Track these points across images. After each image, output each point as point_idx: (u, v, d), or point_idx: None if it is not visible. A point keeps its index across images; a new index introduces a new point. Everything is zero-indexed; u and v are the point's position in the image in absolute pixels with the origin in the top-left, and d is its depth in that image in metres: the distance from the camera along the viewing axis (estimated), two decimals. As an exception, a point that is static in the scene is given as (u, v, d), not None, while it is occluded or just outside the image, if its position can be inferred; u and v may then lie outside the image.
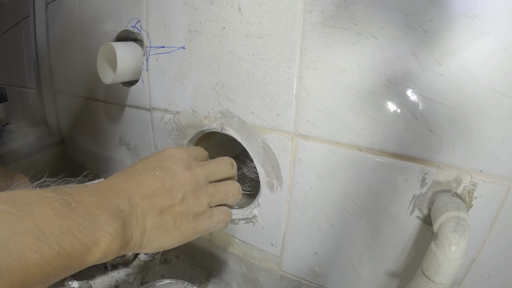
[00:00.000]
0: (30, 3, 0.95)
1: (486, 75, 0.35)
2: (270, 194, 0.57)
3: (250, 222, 0.62)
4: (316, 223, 0.53)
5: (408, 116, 0.40)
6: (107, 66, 0.69)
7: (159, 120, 0.69)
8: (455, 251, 0.34)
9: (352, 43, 0.42)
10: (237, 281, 0.70)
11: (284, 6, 0.46)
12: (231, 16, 0.51)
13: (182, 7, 0.57)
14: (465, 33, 0.35)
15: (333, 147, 0.47)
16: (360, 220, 0.48)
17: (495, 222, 0.39)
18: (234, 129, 0.57)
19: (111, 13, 0.72)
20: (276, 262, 0.62)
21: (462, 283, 0.44)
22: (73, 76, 0.91)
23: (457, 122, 0.38)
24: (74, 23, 0.84)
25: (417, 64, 0.38)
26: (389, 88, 0.41)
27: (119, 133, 0.81)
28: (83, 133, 0.97)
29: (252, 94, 0.53)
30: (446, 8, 0.35)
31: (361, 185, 0.46)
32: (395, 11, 0.38)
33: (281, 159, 0.53)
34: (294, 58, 0.47)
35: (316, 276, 0.57)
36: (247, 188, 0.77)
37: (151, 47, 0.65)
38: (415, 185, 0.42)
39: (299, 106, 0.48)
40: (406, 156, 0.42)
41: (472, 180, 0.39)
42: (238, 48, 0.52)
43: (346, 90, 0.44)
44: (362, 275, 0.52)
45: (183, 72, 0.61)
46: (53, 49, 0.98)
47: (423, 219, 0.43)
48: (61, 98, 1.02)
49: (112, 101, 0.79)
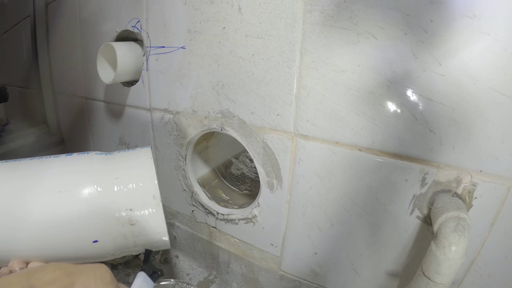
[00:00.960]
0: (30, 3, 0.96)
1: (486, 75, 0.35)
2: (270, 194, 0.57)
3: (250, 222, 0.62)
4: (316, 223, 0.53)
5: (408, 116, 0.40)
6: (107, 66, 0.69)
7: (159, 120, 0.69)
8: (455, 251, 0.34)
9: (352, 43, 0.42)
10: (237, 281, 0.70)
11: (284, 6, 0.46)
12: (231, 16, 0.51)
13: (182, 7, 0.57)
14: (465, 33, 0.35)
15: (333, 147, 0.47)
16: (360, 220, 0.48)
17: (495, 222, 0.39)
18: (234, 129, 0.57)
19: (111, 13, 0.72)
20: (276, 262, 0.62)
21: (462, 283, 0.44)
22: (73, 76, 0.91)
23: (457, 122, 0.38)
24: (74, 23, 0.84)
25: (417, 64, 0.38)
26: (389, 88, 0.41)
27: (119, 133, 0.81)
28: (83, 133, 0.97)
29: (252, 94, 0.53)
30: (446, 8, 0.35)
31: (361, 185, 0.46)
32: (395, 11, 0.38)
33: (281, 159, 0.53)
34: (294, 58, 0.47)
35: (316, 276, 0.57)
36: (247, 188, 0.77)
37: (151, 47, 0.65)
38: (415, 185, 0.42)
39: (299, 106, 0.48)
40: (406, 156, 0.42)
41: (472, 180, 0.39)
42: (238, 48, 0.52)
43: (346, 90, 0.44)
44: (362, 275, 0.52)
45: (183, 72, 0.61)
46: (53, 49, 0.98)
47: (423, 219, 0.43)
48: (61, 98, 1.02)
49: (112, 101, 0.79)
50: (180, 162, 0.68)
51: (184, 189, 0.70)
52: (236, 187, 0.77)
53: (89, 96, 0.87)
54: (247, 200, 0.70)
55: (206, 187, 0.72)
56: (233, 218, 0.64)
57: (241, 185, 0.78)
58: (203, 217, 0.70)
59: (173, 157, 0.69)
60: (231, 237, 0.67)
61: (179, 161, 0.68)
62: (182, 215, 0.75)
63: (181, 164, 0.68)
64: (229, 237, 0.67)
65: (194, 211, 0.71)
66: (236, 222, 0.64)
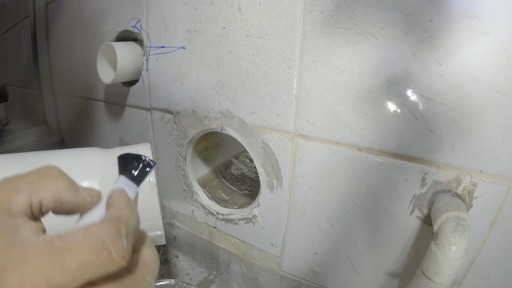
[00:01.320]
0: (30, 3, 0.96)
1: (486, 75, 0.35)
2: (270, 194, 0.57)
3: (250, 222, 0.62)
4: (316, 223, 0.53)
5: (408, 116, 0.40)
6: (107, 66, 0.69)
7: (159, 120, 0.69)
8: (455, 251, 0.34)
9: (352, 43, 0.42)
10: (237, 281, 0.70)
11: (284, 6, 0.46)
12: (231, 16, 0.51)
13: (182, 7, 0.57)
14: (465, 33, 0.35)
15: (333, 147, 0.47)
16: (360, 220, 0.48)
17: (495, 222, 0.39)
18: (234, 129, 0.57)
19: (111, 13, 0.72)
20: (276, 262, 0.62)
21: (462, 283, 0.44)
22: (73, 76, 0.91)
23: (457, 122, 0.38)
24: (74, 23, 0.84)
25: (417, 64, 0.38)
26: (389, 88, 0.41)
27: (119, 133, 0.81)
28: (83, 133, 0.97)
29: (252, 94, 0.53)
30: (446, 8, 0.35)
31: (361, 185, 0.46)
32: (395, 11, 0.38)
33: (281, 159, 0.53)
34: (294, 58, 0.47)
35: (316, 276, 0.57)
36: (247, 188, 0.77)
37: (151, 47, 0.65)
38: (415, 185, 0.42)
39: (299, 106, 0.48)
40: (406, 156, 0.42)
41: (472, 180, 0.39)
42: (238, 48, 0.52)
43: (346, 90, 0.44)
44: (362, 275, 0.52)
45: (183, 72, 0.61)
46: (53, 49, 0.98)
47: (423, 219, 0.43)
48: (61, 98, 1.02)
49: (112, 101, 0.79)
50: (180, 162, 0.68)
51: (184, 189, 0.70)
52: (236, 187, 0.77)
53: (89, 96, 0.87)
54: (247, 200, 0.70)
55: (206, 187, 0.72)
56: (233, 218, 0.64)
57: (241, 185, 0.78)
58: (203, 217, 0.70)
59: (173, 157, 0.69)
60: (231, 237, 0.67)
61: (179, 161, 0.68)
62: (182, 215, 0.75)
63: (181, 164, 0.68)
64: (229, 237, 0.67)
65: (194, 211, 0.71)
66: (236, 222, 0.64)
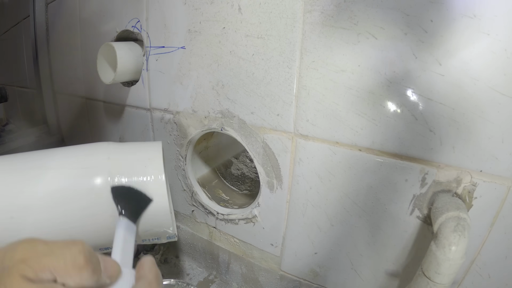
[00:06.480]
0: (30, 3, 0.95)
1: (486, 75, 0.35)
2: (270, 194, 0.57)
3: (250, 222, 0.62)
4: (316, 223, 0.53)
5: (408, 116, 0.40)
6: (107, 66, 0.69)
7: (159, 120, 0.69)
8: (455, 251, 0.34)
9: (352, 43, 0.42)
10: (237, 281, 0.70)
11: (284, 6, 0.46)
12: (231, 16, 0.51)
13: (182, 7, 0.57)
14: (465, 33, 0.35)
15: (333, 147, 0.47)
16: (360, 220, 0.48)
17: (495, 222, 0.39)
18: (234, 129, 0.57)
19: (111, 13, 0.72)
20: (276, 262, 0.62)
21: (462, 283, 0.44)
22: (73, 76, 0.91)
23: (457, 122, 0.38)
24: (74, 23, 0.83)
25: (417, 64, 0.38)
26: (389, 88, 0.41)
27: (119, 133, 0.81)
28: (83, 133, 0.97)
29: (252, 94, 0.53)
30: (446, 8, 0.35)
31: (361, 185, 0.46)
32: (395, 11, 0.38)
33: (281, 159, 0.53)
34: (294, 58, 0.47)
35: (316, 276, 0.57)
36: (247, 188, 0.77)
37: (151, 47, 0.65)
38: (415, 185, 0.42)
39: (299, 106, 0.48)
40: (406, 156, 0.42)
41: (472, 180, 0.39)
42: (238, 48, 0.52)
43: (346, 90, 0.44)
44: (362, 275, 0.52)
45: (183, 72, 0.61)
46: (53, 49, 0.98)
47: (423, 219, 0.43)
48: (61, 98, 1.02)
49: (112, 101, 0.79)
50: (180, 162, 0.68)
51: (184, 189, 0.70)
52: (236, 187, 0.77)
53: (89, 96, 0.87)
54: (247, 200, 0.70)
55: (206, 187, 0.72)
56: (233, 218, 0.64)
57: (241, 185, 0.78)
58: (203, 217, 0.70)
59: (173, 157, 0.69)
60: (231, 237, 0.67)
61: (179, 161, 0.68)
62: (182, 215, 0.75)
63: (181, 164, 0.68)
64: (229, 237, 0.67)
65: (194, 211, 0.71)
66: (236, 222, 0.64)
